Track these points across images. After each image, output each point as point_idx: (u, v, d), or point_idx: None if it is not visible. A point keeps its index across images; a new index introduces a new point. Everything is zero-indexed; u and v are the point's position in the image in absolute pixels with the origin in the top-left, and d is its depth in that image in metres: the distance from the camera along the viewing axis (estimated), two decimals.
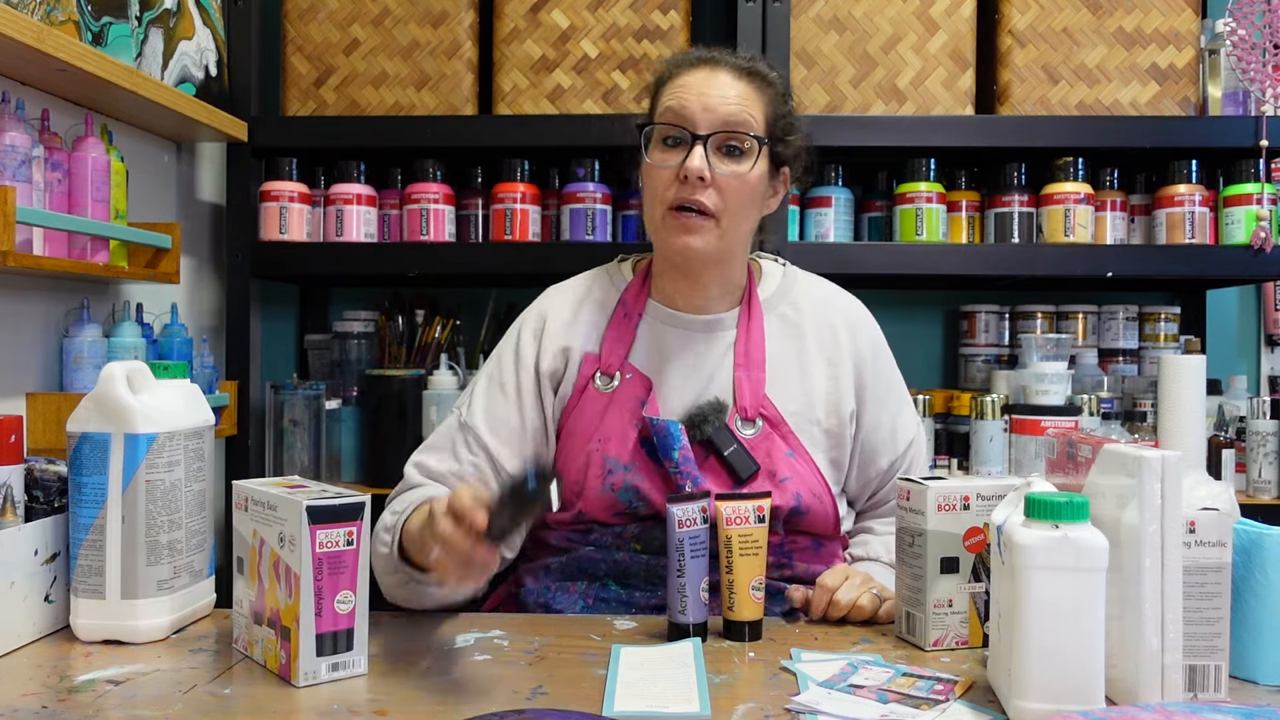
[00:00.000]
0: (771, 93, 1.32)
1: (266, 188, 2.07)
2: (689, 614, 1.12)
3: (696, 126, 1.27)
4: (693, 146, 1.26)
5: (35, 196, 1.46)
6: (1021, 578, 0.88)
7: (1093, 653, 0.87)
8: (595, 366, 1.35)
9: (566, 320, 1.38)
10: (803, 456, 1.31)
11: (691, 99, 1.27)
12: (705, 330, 1.36)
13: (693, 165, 1.25)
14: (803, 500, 1.29)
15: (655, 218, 1.31)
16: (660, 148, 1.30)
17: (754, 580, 1.13)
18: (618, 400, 1.32)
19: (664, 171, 1.28)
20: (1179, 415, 1.76)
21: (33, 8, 1.45)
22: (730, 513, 1.13)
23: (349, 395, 2.16)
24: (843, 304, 1.42)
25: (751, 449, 1.29)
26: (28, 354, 1.61)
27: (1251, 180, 1.99)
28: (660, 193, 1.29)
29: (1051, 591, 0.87)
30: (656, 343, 1.36)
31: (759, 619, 1.14)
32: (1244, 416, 2.06)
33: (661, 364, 1.35)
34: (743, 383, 1.32)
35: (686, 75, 1.30)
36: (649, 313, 1.38)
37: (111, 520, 1.11)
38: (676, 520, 1.11)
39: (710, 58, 1.31)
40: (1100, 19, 2.01)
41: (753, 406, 1.31)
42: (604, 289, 1.41)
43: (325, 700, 0.95)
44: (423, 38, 2.05)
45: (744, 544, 1.13)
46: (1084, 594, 0.87)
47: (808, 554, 1.33)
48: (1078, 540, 0.87)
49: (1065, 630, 0.87)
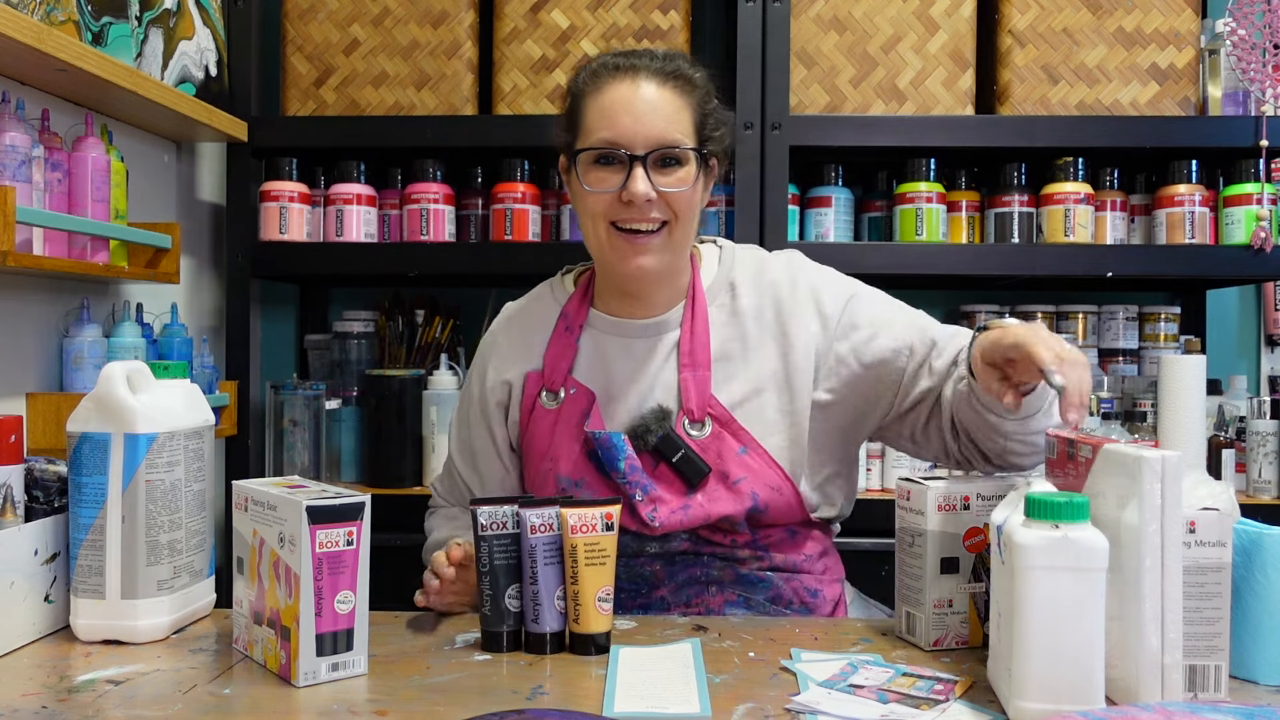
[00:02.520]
0: (697, 93, 1.28)
1: (266, 188, 2.07)
2: (543, 623, 1.08)
3: (633, 147, 1.23)
4: (632, 168, 1.23)
5: (35, 196, 1.46)
6: (1021, 578, 0.87)
7: (1093, 652, 0.87)
8: (540, 384, 1.35)
9: (505, 351, 1.39)
10: (756, 451, 1.28)
11: (623, 119, 1.23)
12: (648, 334, 1.34)
13: (639, 190, 1.23)
14: (759, 498, 1.28)
15: (599, 237, 1.28)
16: (594, 168, 1.26)
17: (601, 591, 1.08)
18: (564, 417, 1.32)
19: (603, 193, 1.25)
20: (1179, 415, 1.76)
21: (33, 8, 1.45)
22: (576, 520, 1.08)
23: (349, 395, 2.16)
24: (774, 274, 1.36)
25: (701, 451, 1.27)
26: (28, 354, 1.61)
27: (1251, 180, 1.99)
28: (602, 211, 1.26)
29: (1052, 592, 0.87)
30: (599, 353, 1.34)
31: (607, 631, 1.08)
32: (1244, 416, 2.06)
33: (605, 374, 1.33)
34: (688, 383, 1.30)
35: (610, 90, 1.25)
36: (591, 323, 1.36)
37: (111, 520, 1.11)
38: (528, 526, 1.08)
39: (630, 65, 1.26)
40: (1100, 19, 2.01)
41: (699, 408, 1.29)
42: (545, 305, 1.40)
43: (325, 700, 0.95)
44: (423, 38, 2.05)
45: (590, 553, 1.08)
46: (1084, 594, 0.87)
47: (784, 545, 1.32)
48: (1078, 540, 0.87)
49: (1065, 630, 0.87)
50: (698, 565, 1.31)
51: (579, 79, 1.30)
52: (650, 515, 1.26)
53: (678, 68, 1.27)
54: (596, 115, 1.25)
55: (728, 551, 1.30)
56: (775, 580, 1.32)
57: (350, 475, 2.15)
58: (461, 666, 1.04)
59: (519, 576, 1.09)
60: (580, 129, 1.28)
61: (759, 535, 1.31)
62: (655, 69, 1.26)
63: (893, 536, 1.16)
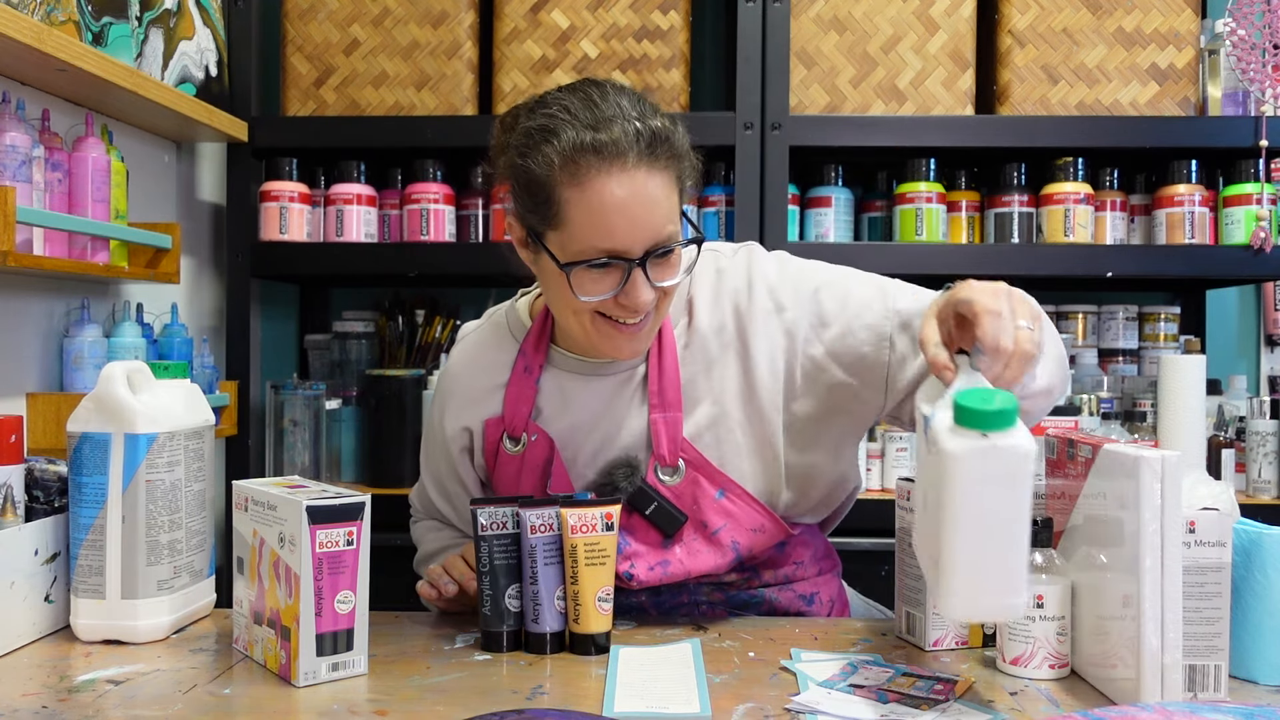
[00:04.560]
0: (681, 162, 1.13)
1: (266, 188, 2.07)
2: (543, 623, 1.08)
3: (631, 253, 1.09)
4: (631, 274, 1.09)
5: (35, 196, 1.46)
6: (950, 485, 0.86)
7: (1018, 548, 0.87)
8: (500, 429, 1.25)
9: (462, 396, 1.29)
10: (734, 492, 1.20)
11: (619, 225, 1.08)
12: (613, 372, 1.22)
13: (645, 299, 1.10)
14: (741, 546, 1.20)
15: (583, 326, 1.15)
16: (586, 272, 1.10)
17: (601, 591, 1.07)
18: (528, 464, 1.24)
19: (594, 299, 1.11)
20: (1179, 415, 1.76)
21: (33, 8, 1.45)
22: (576, 520, 1.07)
23: (349, 395, 2.16)
24: (732, 280, 1.23)
25: (676, 498, 1.19)
26: (28, 354, 1.61)
27: (1251, 180, 1.99)
28: (593, 308, 1.12)
29: (979, 497, 0.86)
30: (561, 395, 1.24)
31: (607, 631, 1.08)
32: (1244, 416, 2.06)
33: (568, 417, 1.23)
34: (659, 426, 1.19)
35: (597, 185, 1.07)
36: (551, 362, 1.25)
37: (112, 520, 1.11)
38: (528, 526, 1.08)
39: (614, 148, 1.07)
40: (1100, 19, 2.01)
41: (672, 453, 1.19)
42: (503, 342, 1.29)
43: (325, 700, 0.95)
44: (423, 38, 2.06)
45: (590, 553, 1.07)
46: (1013, 498, 0.86)
47: (774, 560, 1.27)
48: (1006, 449, 0.85)
49: (994, 532, 0.87)
50: (684, 593, 1.27)
51: (544, 160, 1.09)
52: (627, 574, 1.19)
53: (662, 133, 1.10)
54: (584, 218, 1.08)
55: (716, 578, 1.26)
56: (767, 595, 1.28)
57: (350, 475, 2.15)
58: (461, 666, 1.04)
59: (519, 576, 1.09)
60: (559, 225, 1.10)
61: (746, 559, 1.25)
62: (640, 148, 1.08)
63: (893, 536, 1.16)
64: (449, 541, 1.37)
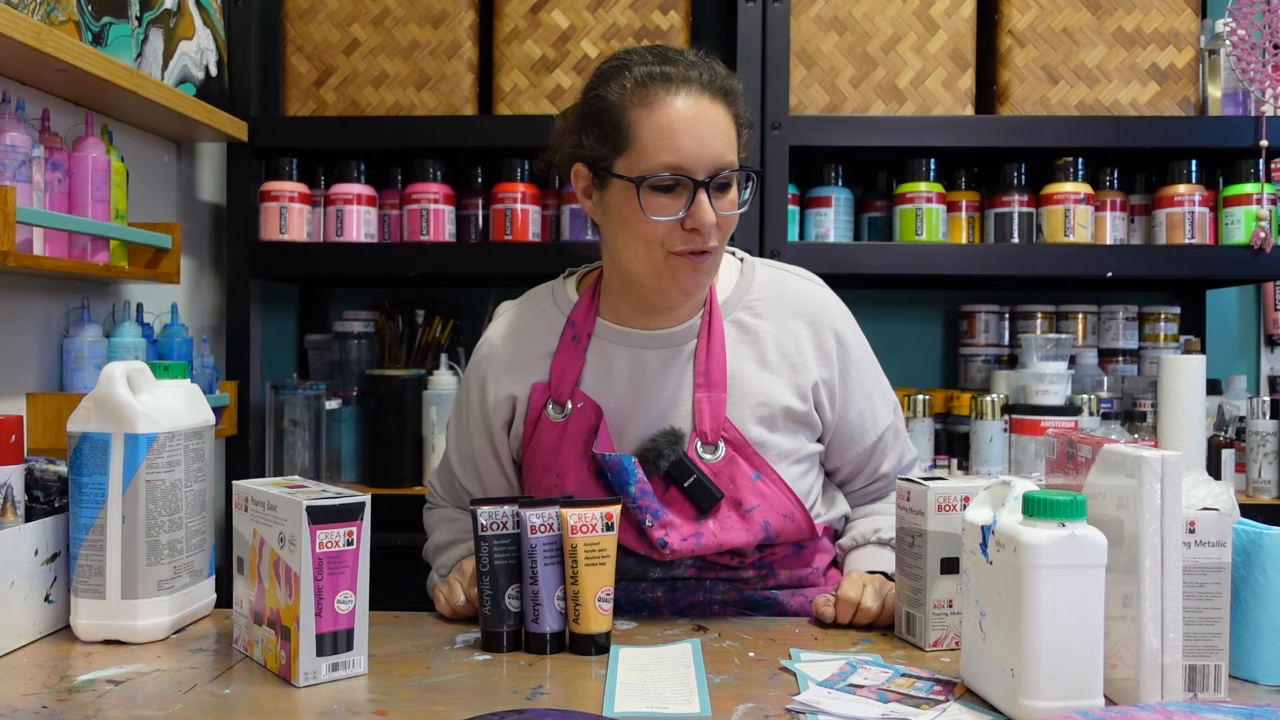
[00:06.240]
0: (739, 105, 1.23)
1: (266, 188, 2.07)
2: (543, 623, 1.09)
3: (695, 172, 1.17)
4: (696, 195, 1.17)
5: (35, 196, 1.46)
6: (1029, 577, 0.88)
7: (1096, 647, 0.88)
8: (546, 395, 1.28)
9: (506, 364, 1.32)
10: (770, 476, 1.25)
11: (685, 141, 1.16)
12: (661, 346, 1.28)
13: (709, 220, 1.17)
14: (771, 528, 1.25)
15: (653, 262, 1.20)
16: (654, 194, 1.18)
17: (601, 591, 1.08)
18: (570, 431, 1.26)
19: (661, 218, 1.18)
20: (1179, 415, 1.76)
21: (33, 8, 1.45)
22: (576, 520, 1.08)
23: (349, 395, 2.16)
24: (801, 300, 1.31)
25: (714, 475, 1.23)
26: (28, 354, 1.61)
27: (1251, 180, 1.99)
28: (660, 238, 1.19)
29: (1060, 589, 0.87)
30: (608, 365, 1.28)
31: (607, 631, 1.09)
32: (1244, 416, 2.06)
33: (614, 387, 1.27)
34: (703, 404, 1.25)
35: (666, 105, 1.17)
36: (599, 333, 1.29)
37: (112, 520, 1.11)
38: (529, 526, 1.08)
39: (683, 77, 1.18)
40: (1100, 19, 2.01)
41: (714, 430, 1.24)
42: (548, 312, 1.33)
43: (325, 700, 0.95)
44: (423, 38, 2.05)
45: (590, 553, 1.08)
46: (1089, 589, 0.88)
47: (790, 560, 1.30)
48: (1083, 538, 0.88)
49: (1072, 627, 0.88)
50: (700, 590, 1.28)
51: (617, 86, 1.19)
52: (661, 541, 1.22)
53: (728, 83, 1.21)
54: (652, 135, 1.17)
55: (733, 574, 1.28)
56: (780, 597, 1.30)
57: (350, 475, 2.15)
58: (461, 666, 1.04)
59: (519, 576, 1.09)
60: (629, 147, 1.18)
61: (765, 554, 1.29)
62: (710, 84, 1.19)
63: None
64: (458, 535, 1.37)
